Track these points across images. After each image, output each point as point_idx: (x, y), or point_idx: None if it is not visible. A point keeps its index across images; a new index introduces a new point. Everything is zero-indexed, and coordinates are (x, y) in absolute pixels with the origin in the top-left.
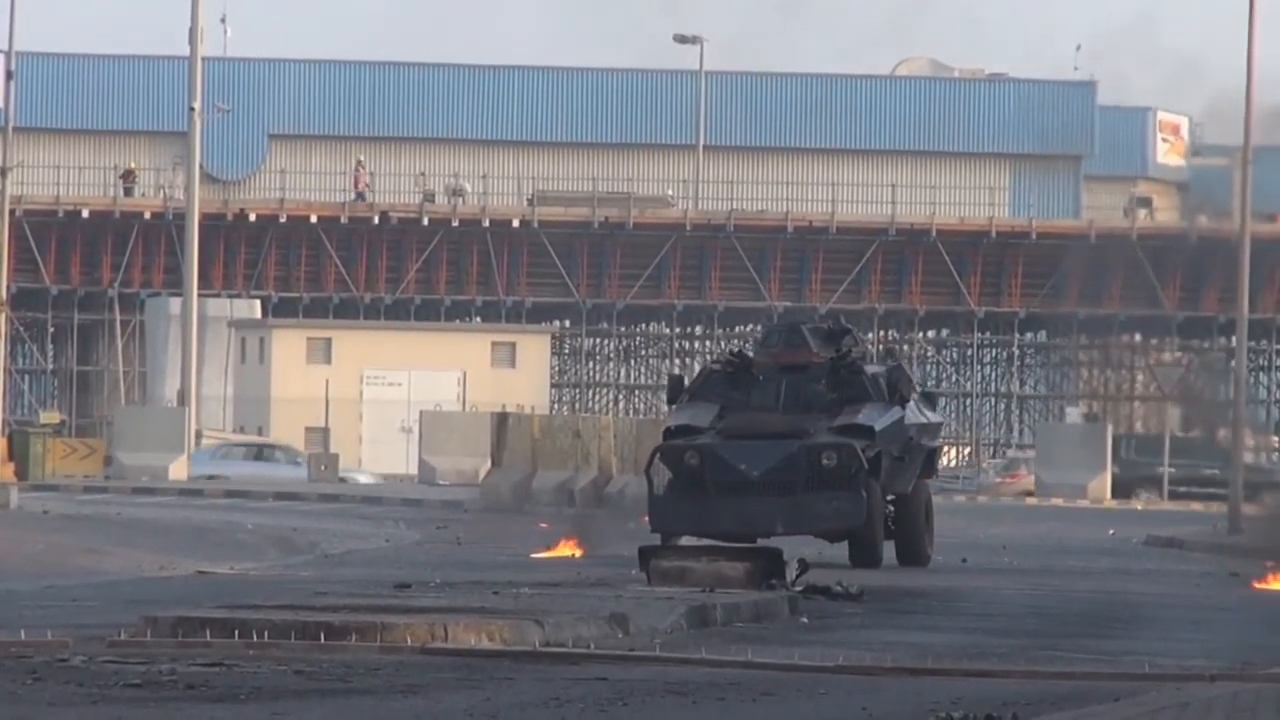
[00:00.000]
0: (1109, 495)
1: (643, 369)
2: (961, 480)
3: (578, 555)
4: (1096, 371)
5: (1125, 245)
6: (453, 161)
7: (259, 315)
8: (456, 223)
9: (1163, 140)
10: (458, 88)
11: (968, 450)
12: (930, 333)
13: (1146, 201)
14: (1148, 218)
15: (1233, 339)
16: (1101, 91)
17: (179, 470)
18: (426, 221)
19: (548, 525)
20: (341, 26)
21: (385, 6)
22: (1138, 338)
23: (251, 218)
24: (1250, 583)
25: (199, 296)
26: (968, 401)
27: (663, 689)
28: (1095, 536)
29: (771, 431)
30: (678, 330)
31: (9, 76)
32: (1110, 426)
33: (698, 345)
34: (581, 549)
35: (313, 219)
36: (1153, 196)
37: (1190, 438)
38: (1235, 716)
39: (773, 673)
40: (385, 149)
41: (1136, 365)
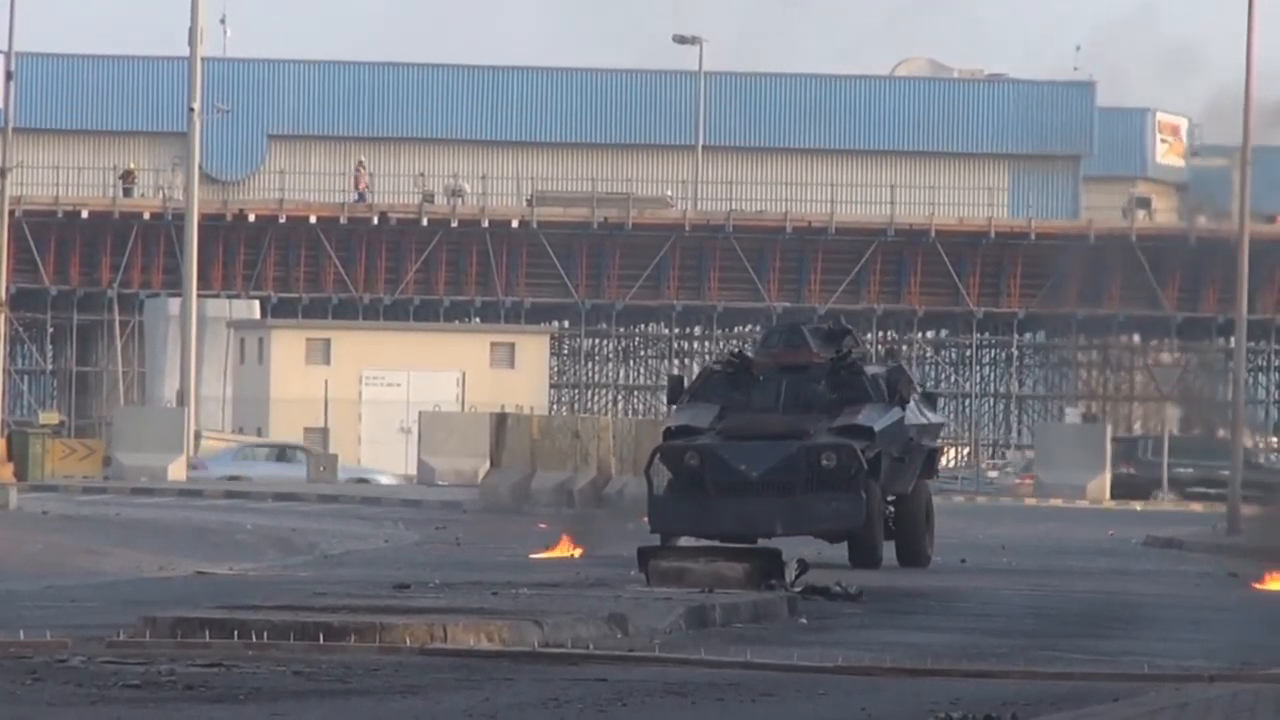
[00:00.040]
0: (1108, 495)
1: (642, 369)
2: (961, 480)
3: (577, 556)
4: (1095, 372)
5: (1123, 246)
6: (452, 162)
7: (258, 316)
8: (455, 223)
9: (1162, 141)
10: (457, 88)
11: (966, 451)
12: (929, 333)
13: (1145, 202)
14: (1147, 218)
15: (1232, 339)
16: (1101, 91)
17: (178, 471)
18: (425, 222)
19: (547, 526)
20: (341, 27)
21: (385, 6)
22: (1137, 338)
23: (251, 218)
24: (1249, 583)
25: (198, 297)
26: (966, 402)
27: (662, 689)
28: (1094, 537)
29: (771, 432)
30: (677, 331)
31: (9, 77)
32: (1110, 427)
33: (697, 346)
34: (580, 549)
35: (312, 219)
36: (1152, 197)
37: (1208, 439)
38: (1234, 717)
39: (772, 673)
40: (384, 149)
41: (1136, 366)
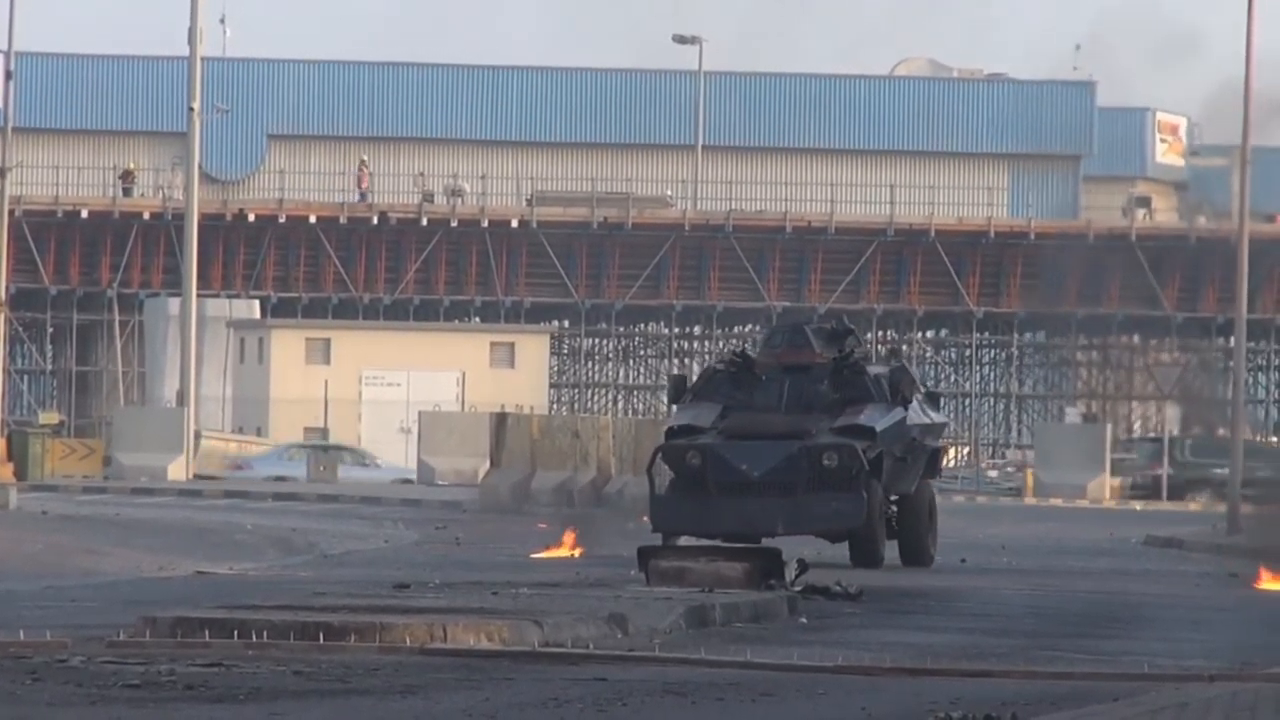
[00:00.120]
0: (1107, 495)
1: (641, 369)
2: (961, 480)
3: (576, 555)
4: (1095, 372)
5: (1123, 245)
6: (451, 162)
7: (258, 315)
8: (455, 223)
9: (1161, 140)
10: (457, 88)
11: (966, 450)
12: (929, 333)
13: (1145, 202)
14: (1146, 218)
15: (1231, 339)
16: (1101, 88)
17: (178, 471)
18: (425, 222)
19: (546, 525)
20: (341, 26)
21: (385, 6)
22: (1136, 338)
23: (250, 218)
24: (1250, 583)
25: (198, 297)
26: (966, 401)
27: (661, 689)
28: (1094, 537)
29: (773, 432)
30: (676, 330)
31: (8, 76)
32: (1110, 427)
33: (696, 345)
34: (580, 549)
35: (312, 219)
36: (1151, 197)
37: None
38: (1234, 716)
39: (772, 673)
40: (384, 149)
41: (1135, 365)
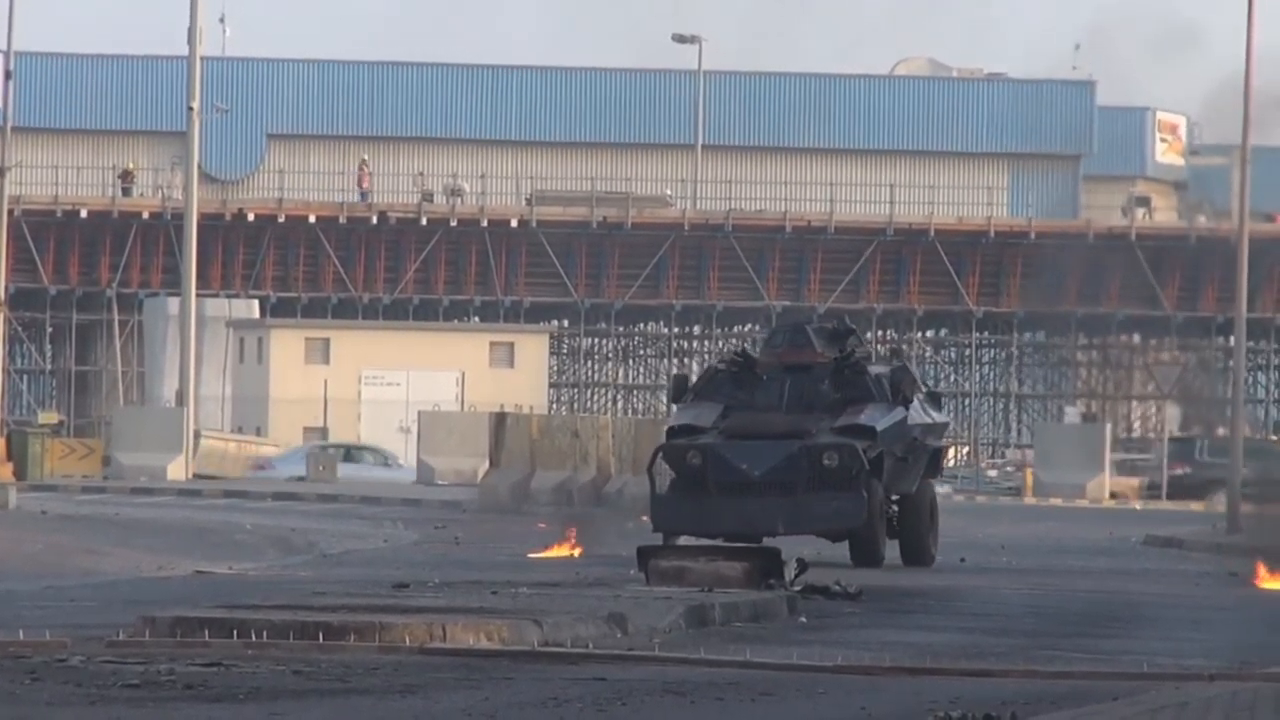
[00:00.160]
0: (1106, 495)
1: (641, 369)
2: (961, 479)
3: (576, 555)
4: (1095, 371)
5: (1123, 245)
6: (451, 161)
7: (257, 315)
8: (455, 223)
9: (1161, 140)
10: (456, 88)
11: (966, 450)
12: (928, 332)
13: (1145, 201)
14: (1146, 217)
15: (1231, 338)
16: (1101, 87)
17: (178, 470)
18: (425, 221)
19: (546, 525)
20: (341, 26)
21: (385, 6)
22: (1136, 337)
23: (250, 218)
24: (1249, 580)
25: (197, 296)
26: (966, 401)
27: (661, 689)
28: (1094, 536)
29: (773, 431)
30: (676, 330)
31: (8, 76)
32: (1109, 426)
33: (696, 345)
34: (580, 549)
35: (311, 219)
36: (1151, 196)
37: (1258, 441)
38: (1234, 716)
39: (771, 672)
40: (384, 149)
41: (1135, 365)
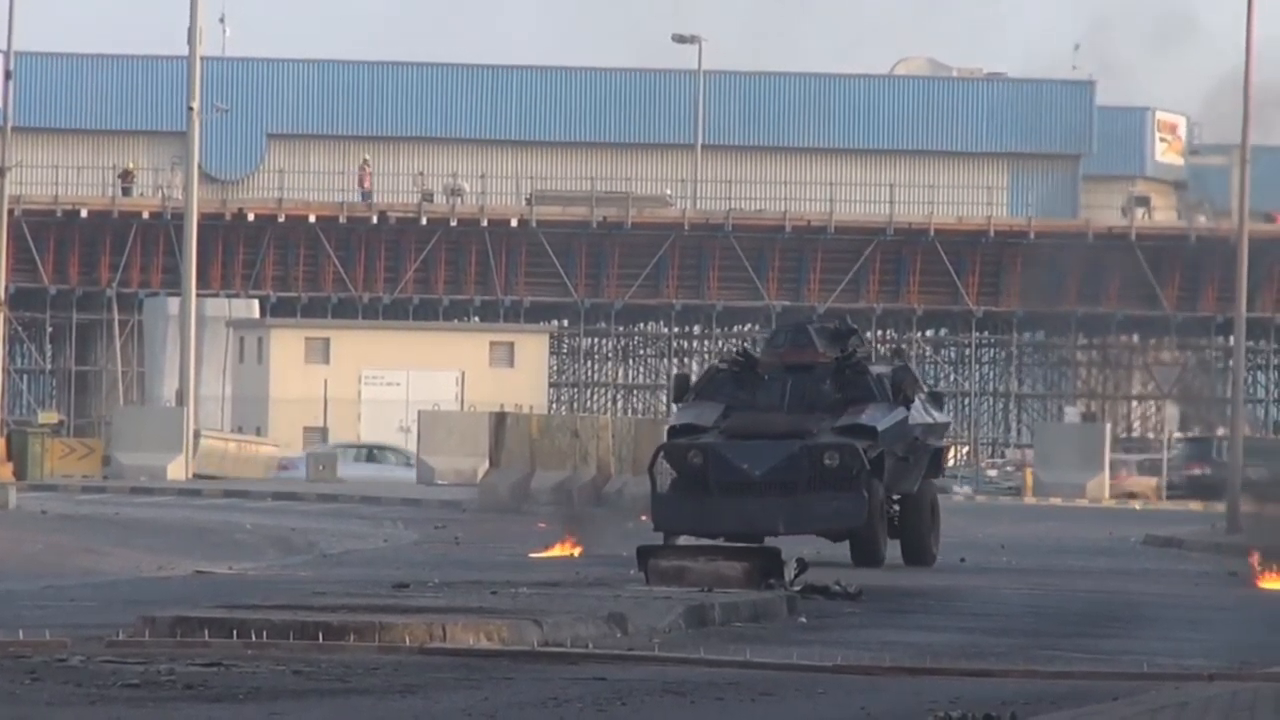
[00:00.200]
0: (1106, 494)
1: (641, 368)
2: (960, 479)
3: (576, 555)
4: (1095, 371)
5: (1122, 245)
6: (451, 161)
7: (257, 315)
8: (455, 222)
9: (1161, 139)
10: (456, 88)
11: (966, 450)
12: (928, 332)
13: (1145, 201)
14: (1146, 217)
15: (1231, 338)
16: (1100, 87)
17: (177, 470)
18: (425, 221)
19: (546, 525)
20: (340, 26)
21: (385, 6)
22: (1136, 337)
23: (250, 217)
24: (1250, 581)
25: (197, 296)
26: (966, 401)
27: (661, 689)
28: (1093, 536)
29: (774, 431)
30: (676, 330)
31: (8, 76)
32: (1109, 426)
33: (696, 345)
34: (580, 548)
35: (311, 219)
36: (1151, 196)
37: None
38: (1233, 715)
39: (771, 672)
40: (383, 149)
41: (1135, 365)
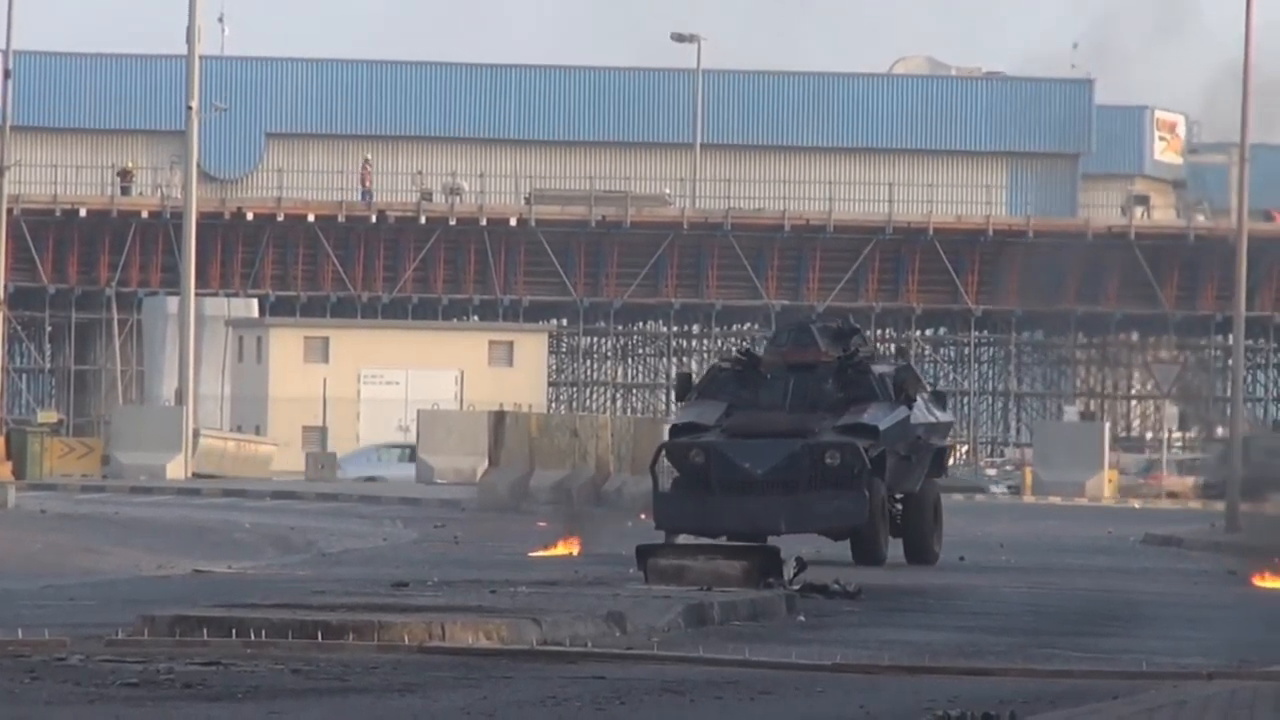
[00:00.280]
0: (1105, 494)
1: (640, 368)
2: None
3: (575, 554)
4: (1094, 370)
5: (1121, 244)
6: (450, 160)
7: (256, 314)
8: (454, 221)
9: (1160, 138)
10: (455, 87)
11: (965, 449)
12: (927, 331)
13: (1143, 199)
14: (1145, 216)
15: (1230, 337)
16: (1099, 84)
17: (176, 469)
18: (424, 220)
19: (545, 524)
20: (340, 26)
21: (385, 6)
22: (1135, 336)
23: (249, 217)
24: (1249, 580)
25: (196, 295)
26: (965, 400)
27: (660, 687)
28: (1093, 535)
29: (776, 430)
30: (675, 329)
31: (6, 75)
32: (1108, 425)
33: (695, 344)
34: (579, 547)
35: (310, 218)
36: (1150, 194)
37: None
38: (1232, 714)
39: (770, 671)
40: (383, 148)
41: (1134, 364)
